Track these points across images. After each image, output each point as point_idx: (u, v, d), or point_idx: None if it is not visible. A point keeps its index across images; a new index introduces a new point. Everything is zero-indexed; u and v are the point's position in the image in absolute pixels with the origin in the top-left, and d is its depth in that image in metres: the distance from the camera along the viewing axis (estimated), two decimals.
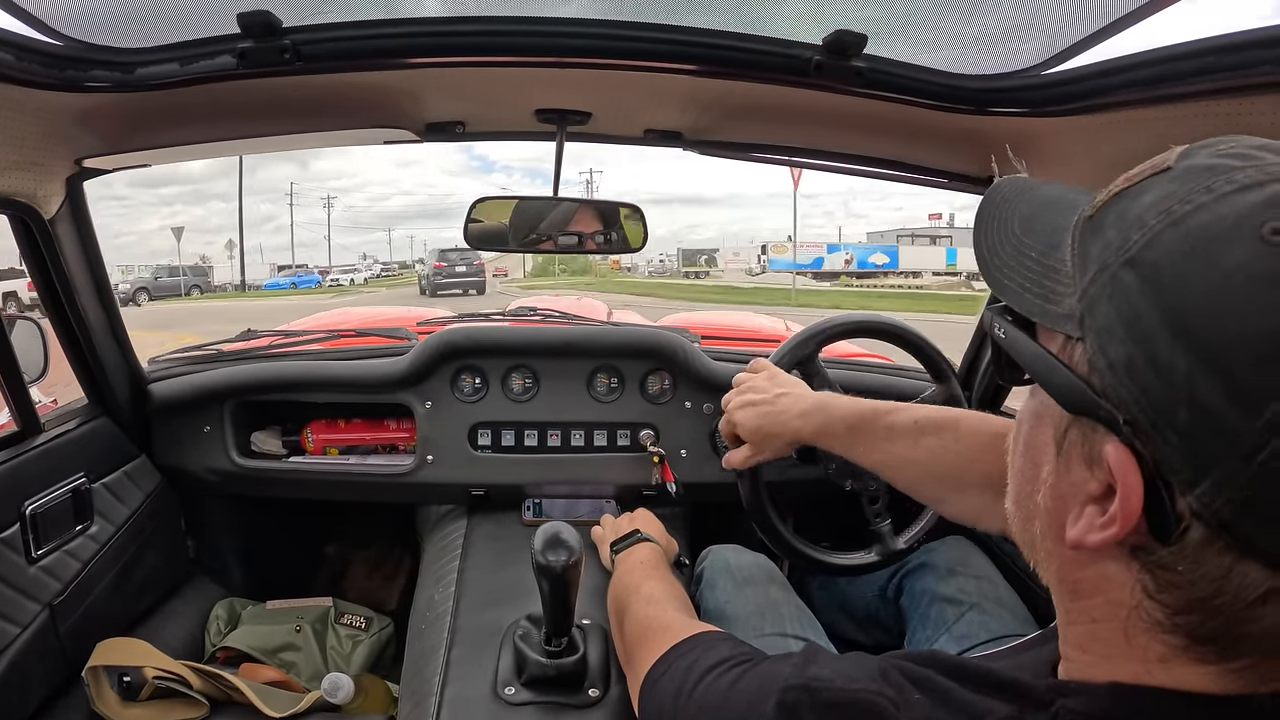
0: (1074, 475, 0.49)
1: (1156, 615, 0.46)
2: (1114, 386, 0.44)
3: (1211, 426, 0.40)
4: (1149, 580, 0.46)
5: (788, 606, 1.35)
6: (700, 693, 0.74)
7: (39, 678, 1.38)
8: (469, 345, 1.77)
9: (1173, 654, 0.47)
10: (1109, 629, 0.49)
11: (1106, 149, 1.15)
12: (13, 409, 1.43)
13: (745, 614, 1.33)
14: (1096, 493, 0.47)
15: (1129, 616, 0.48)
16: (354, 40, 1.10)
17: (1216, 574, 0.42)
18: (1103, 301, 0.46)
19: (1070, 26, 1.01)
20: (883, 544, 1.45)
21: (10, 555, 1.31)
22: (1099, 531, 0.46)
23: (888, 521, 1.46)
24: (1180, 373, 0.41)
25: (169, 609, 1.80)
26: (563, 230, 1.53)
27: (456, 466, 1.77)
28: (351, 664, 1.77)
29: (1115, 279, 0.45)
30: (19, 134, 1.18)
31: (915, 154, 1.44)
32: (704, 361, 1.80)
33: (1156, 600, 0.46)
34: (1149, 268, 0.43)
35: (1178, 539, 0.43)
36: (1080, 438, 0.48)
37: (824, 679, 0.61)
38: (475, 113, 1.45)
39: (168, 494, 1.81)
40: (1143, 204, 0.46)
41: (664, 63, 1.14)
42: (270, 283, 40.86)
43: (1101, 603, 0.50)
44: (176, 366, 1.88)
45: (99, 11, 1.02)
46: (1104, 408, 0.45)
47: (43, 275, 1.45)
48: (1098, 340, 0.46)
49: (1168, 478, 0.43)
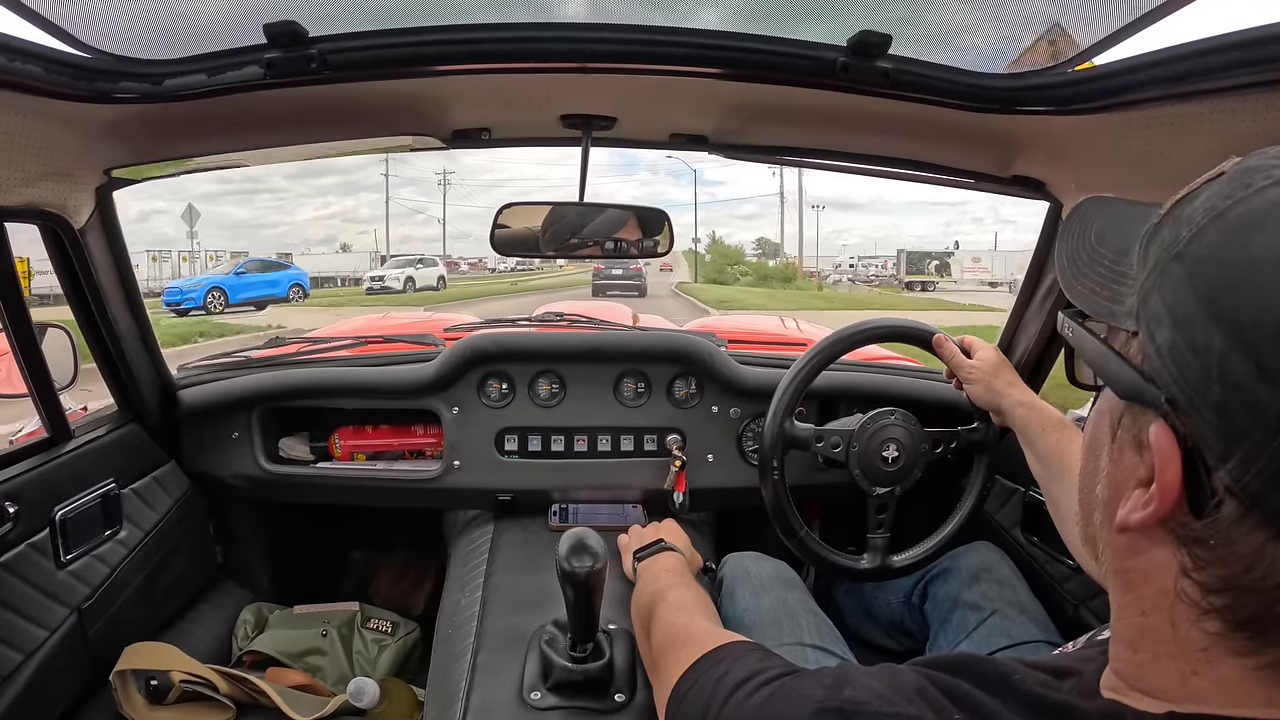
0: (1126, 460, 0.52)
1: (1194, 596, 0.47)
2: (1158, 370, 0.47)
3: (1241, 400, 0.43)
4: (1187, 558, 0.47)
5: (806, 615, 1.35)
6: (730, 712, 0.73)
7: (67, 681, 1.40)
8: (496, 351, 1.78)
9: (1213, 643, 0.47)
10: (1157, 621, 0.50)
11: (1135, 145, 1.13)
12: (43, 416, 1.44)
13: (763, 623, 1.33)
14: (1144, 477, 0.49)
15: (1174, 604, 0.49)
16: (380, 49, 1.10)
17: (1247, 551, 0.44)
18: (1153, 293, 0.49)
19: (1096, 23, 1.00)
20: (873, 555, 1.47)
21: (40, 560, 1.33)
22: (1141, 510, 0.49)
23: (885, 536, 1.47)
24: (1215, 351, 0.44)
25: (197, 613, 1.81)
26: (603, 235, 1.54)
27: (483, 472, 1.78)
28: (377, 668, 1.78)
29: (1165, 272, 0.48)
30: (49, 145, 1.19)
31: (941, 154, 1.43)
32: (731, 366, 1.80)
33: (1193, 579, 0.47)
34: (1192, 258, 0.47)
35: (1211, 513, 0.45)
36: (1131, 423, 0.51)
37: (859, 701, 0.60)
38: (501, 119, 1.45)
39: (196, 499, 1.83)
40: (1194, 205, 0.49)
41: (688, 66, 1.14)
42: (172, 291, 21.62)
43: (1151, 592, 0.51)
44: (205, 374, 1.90)
45: (127, 24, 1.03)
46: (1149, 391, 0.48)
47: (73, 284, 1.47)
48: (1148, 329, 0.49)
49: (1203, 454, 0.45)
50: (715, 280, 46.50)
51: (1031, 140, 1.32)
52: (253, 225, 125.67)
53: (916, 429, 1.47)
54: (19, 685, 1.27)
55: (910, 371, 1.99)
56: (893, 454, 1.44)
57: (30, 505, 1.31)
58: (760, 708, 0.70)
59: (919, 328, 1.47)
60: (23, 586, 1.29)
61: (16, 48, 0.94)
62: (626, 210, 1.56)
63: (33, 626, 1.31)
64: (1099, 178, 1.29)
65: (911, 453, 1.45)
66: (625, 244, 1.56)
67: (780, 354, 1.98)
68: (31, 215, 1.29)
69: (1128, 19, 0.97)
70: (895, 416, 1.46)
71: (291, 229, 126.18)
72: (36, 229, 1.35)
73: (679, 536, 1.46)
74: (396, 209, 69.74)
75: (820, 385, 1.57)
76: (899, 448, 1.44)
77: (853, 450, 1.45)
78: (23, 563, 1.29)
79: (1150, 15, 0.96)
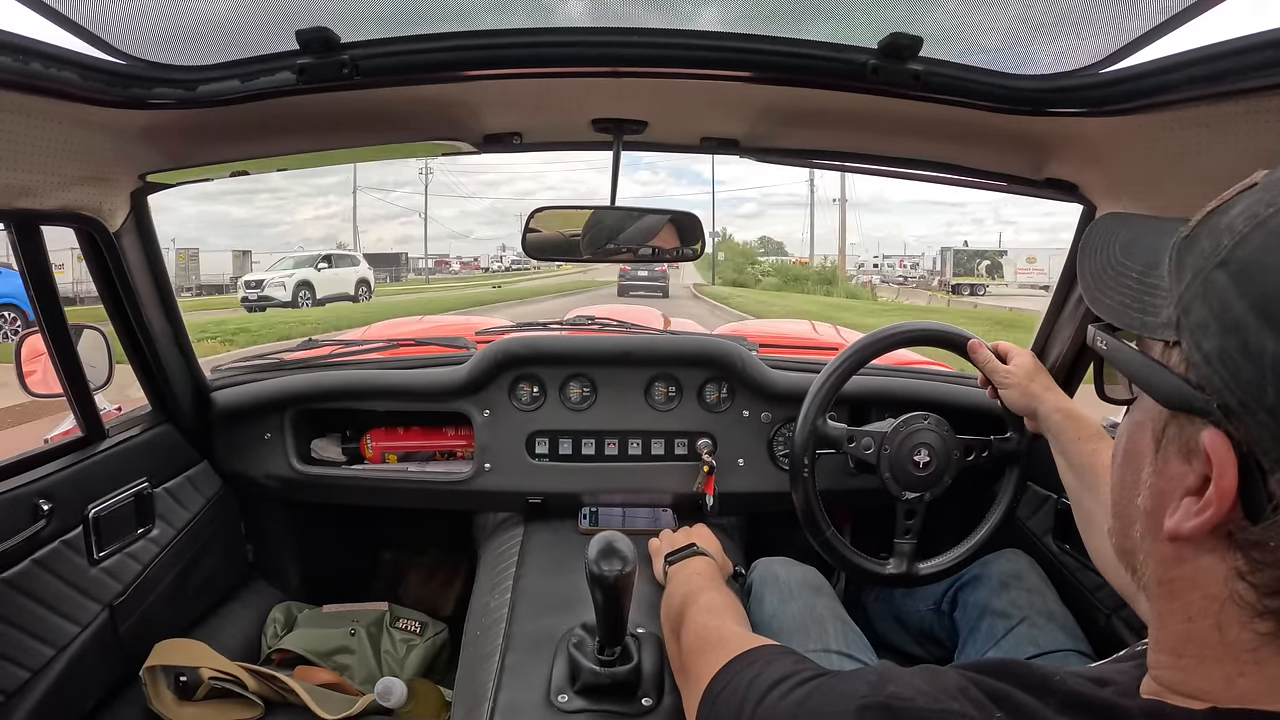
0: (1172, 470, 0.52)
1: (1249, 598, 0.48)
2: (1208, 377, 0.47)
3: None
4: (1241, 562, 0.48)
5: (833, 622, 1.34)
6: (765, 712, 0.73)
7: (97, 675, 1.42)
8: (527, 354, 1.78)
9: (1263, 644, 0.48)
10: (1204, 627, 0.50)
11: (1169, 146, 1.12)
12: (78, 415, 1.47)
13: (790, 628, 1.32)
14: (1194, 485, 0.49)
15: (1222, 609, 0.49)
16: (412, 54, 1.11)
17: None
18: (1197, 302, 0.49)
19: (1128, 22, 0.99)
20: (898, 560, 1.46)
21: (73, 557, 1.35)
22: (1194, 518, 0.49)
23: (912, 542, 1.46)
24: (1269, 354, 0.44)
25: (227, 611, 1.84)
26: (639, 242, 1.56)
27: (514, 474, 1.78)
28: (405, 668, 1.79)
29: (1209, 280, 0.49)
30: (85, 150, 1.21)
31: (972, 157, 1.41)
32: (762, 370, 1.79)
33: (1248, 582, 0.47)
34: (1238, 265, 0.47)
35: (1269, 516, 0.45)
36: (1177, 433, 0.51)
37: (904, 698, 0.60)
38: (532, 123, 1.46)
39: (228, 499, 1.85)
40: (1232, 215, 0.49)
41: (719, 70, 1.13)
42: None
43: (1198, 599, 0.51)
44: (238, 375, 1.92)
45: (161, 31, 1.04)
46: (1199, 399, 0.48)
47: (108, 287, 1.49)
48: (1192, 338, 0.49)
49: (1259, 457, 0.45)
50: (735, 281, 43.63)
51: (1064, 142, 1.30)
52: (256, 225, 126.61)
53: (949, 435, 1.45)
54: (50, 679, 1.29)
55: (943, 376, 1.97)
56: (924, 459, 1.43)
57: (64, 503, 1.33)
58: (800, 704, 0.69)
59: (952, 332, 1.45)
60: (55, 582, 1.31)
61: (52, 54, 0.96)
62: (662, 215, 1.57)
63: (65, 622, 1.33)
64: (1132, 179, 1.27)
65: (943, 459, 1.44)
66: (661, 250, 1.57)
67: (812, 358, 1.97)
68: (68, 219, 1.31)
69: (1160, 18, 0.96)
70: (928, 421, 1.45)
71: (292, 228, 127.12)
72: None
73: (710, 541, 1.46)
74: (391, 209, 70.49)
75: (852, 390, 1.56)
76: (930, 453, 1.43)
77: (884, 453, 1.43)
78: (56, 559, 1.31)
79: (1183, 14, 0.94)
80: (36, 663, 1.27)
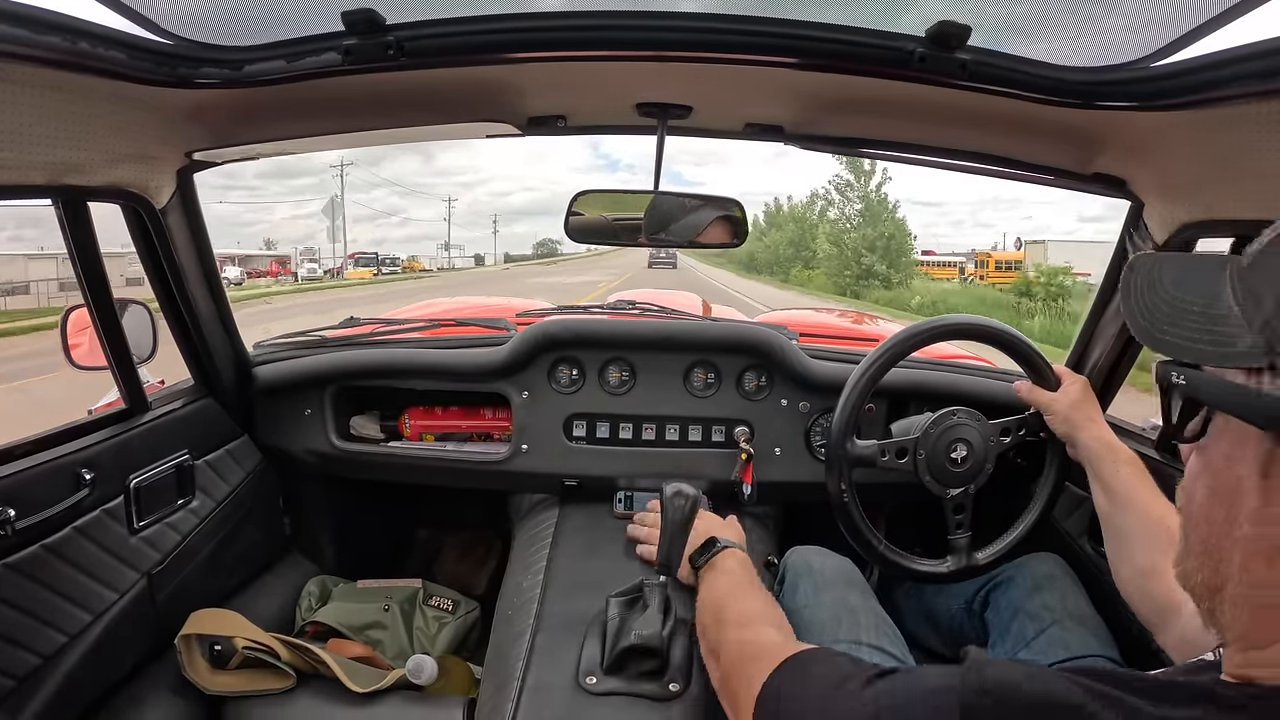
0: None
1: None
2: None
3: None
4: None
5: (865, 614, 1.33)
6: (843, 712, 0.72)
7: (134, 642, 1.46)
8: (567, 337, 1.79)
9: None
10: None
11: (1220, 143, 1.10)
12: (121, 388, 1.50)
13: (822, 619, 1.32)
14: None
15: None
16: (457, 36, 1.11)
17: None
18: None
19: (1180, 17, 0.96)
20: (957, 556, 1.43)
21: (113, 526, 1.38)
22: None
23: (967, 535, 1.44)
24: None
25: (263, 583, 1.87)
26: (693, 232, 1.59)
27: (550, 456, 1.79)
28: (436, 645, 1.81)
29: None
30: (132, 128, 1.23)
31: (1018, 149, 1.39)
32: (801, 359, 1.78)
33: None
34: None
35: None
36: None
37: (1009, 682, 0.61)
38: (577, 106, 1.46)
39: (267, 473, 1.88)
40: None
41: (765, 55, 1.13)
42: None
43: None
44: (280, 351, 1.95)
45: (208, 12, 1.06)
46: None
47: (154, 263, 1.52)
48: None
49: None
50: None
51: (1113, 137, 1.28)
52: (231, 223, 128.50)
53: (982, 423, 1.43)
54: (86, 644, 1.32)
55: (983, 371, 1.94)
56: (961, 454, 1.41)
57: (106, 473, 1.36)
58: (874, 703, 0.69)
59: (991, 326, 1.43)
60: (96, 550, 1.34)
61: (100, 34, 0.97)
62: (713, 206, 1.60)
63: (103, 589, 1.36)
64: (1182, 176, 1.25)
65: (980, 448, 1.42)
66: (707, 244, 1.61)
67: (852, 349, 1.95)
68: (115, 195, 1.34)
69: (1214, 12, 0.93)
70: (959, 415, 1.42)
71: (270, 227, 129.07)
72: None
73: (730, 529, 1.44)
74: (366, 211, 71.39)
75: (891, 382, 1.54)
76: (967, 446, 1.41)
77: (919, 458, 1.41)
78: (97, 527, 1.34)
79: (1236, 9, 0.92)
80: (74, 627, 1.30)
